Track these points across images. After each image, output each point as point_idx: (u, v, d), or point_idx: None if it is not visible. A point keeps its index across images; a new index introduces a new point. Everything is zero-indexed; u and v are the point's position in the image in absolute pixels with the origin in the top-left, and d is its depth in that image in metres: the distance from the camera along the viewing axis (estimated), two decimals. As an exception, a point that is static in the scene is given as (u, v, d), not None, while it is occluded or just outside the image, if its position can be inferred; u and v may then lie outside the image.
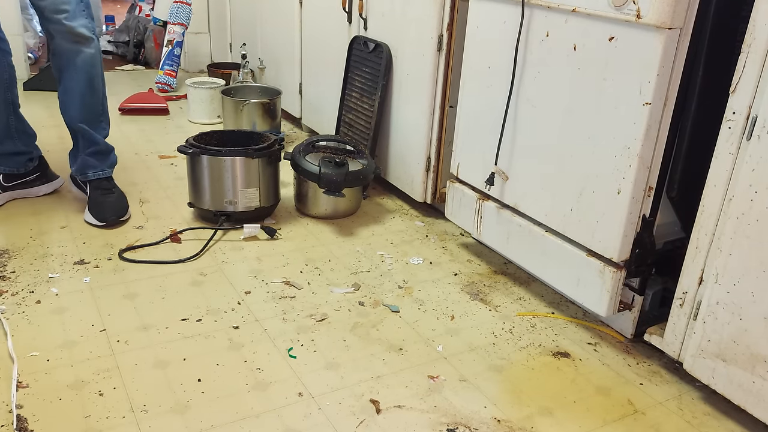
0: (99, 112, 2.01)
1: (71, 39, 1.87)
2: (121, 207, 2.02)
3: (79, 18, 1.87)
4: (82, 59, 1.91)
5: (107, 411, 1.27)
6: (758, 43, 1.17)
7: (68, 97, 1.96)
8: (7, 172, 2.07)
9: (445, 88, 2.01)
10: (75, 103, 1.96)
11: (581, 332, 1.63)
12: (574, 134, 1.51)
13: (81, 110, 1.97)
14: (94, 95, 1.97)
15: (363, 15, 2.33)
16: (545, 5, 1.52)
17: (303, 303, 1.67)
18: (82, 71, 1.92)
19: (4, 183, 2.07)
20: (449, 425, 1.29)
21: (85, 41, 1.89)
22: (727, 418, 1.35)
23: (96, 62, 1.94)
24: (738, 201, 1.23)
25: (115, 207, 2.00)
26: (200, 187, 2.02)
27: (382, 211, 2.26)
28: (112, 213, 1.99)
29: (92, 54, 1.92)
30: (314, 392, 1.36)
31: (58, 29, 1.85)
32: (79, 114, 1.97)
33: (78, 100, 1.95)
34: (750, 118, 1.20)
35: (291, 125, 3.15)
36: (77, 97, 1.95)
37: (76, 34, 1.86)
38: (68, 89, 1.95)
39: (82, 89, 1.94)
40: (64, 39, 1.87)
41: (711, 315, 1.31)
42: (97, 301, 1.62)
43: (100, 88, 1.99)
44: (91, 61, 1.92)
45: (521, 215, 1.71)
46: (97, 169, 2.04)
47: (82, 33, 1.87)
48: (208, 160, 1.98)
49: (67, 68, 1.92)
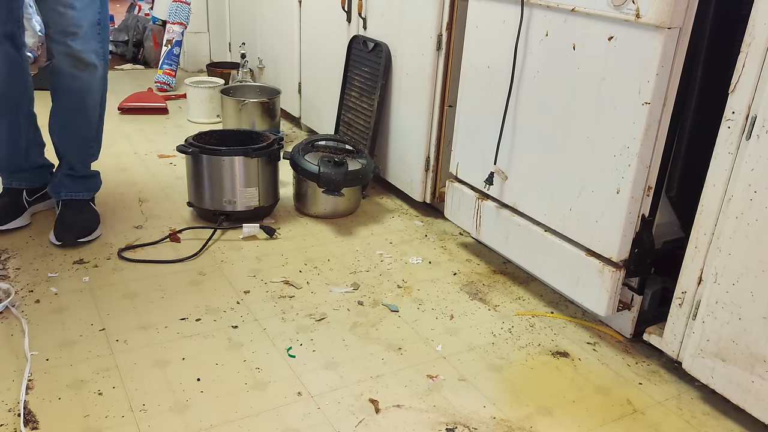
0: (88, 138, 1.91)
1: (71, 63, 1.74)
2: (85, 228, 1.86)
3: (90, 42, 1.74)
4: (80, 86, 1.79)
5: (106, 410, 1.27)
6: (757, 42, 1.17)
7: (56, 121, 1.87)
8: (29, 188, 1.98)
9: (445, 87, 2.01)
10: (62, 127, 1.87)
11: (580, 332, 1.63)
12: (573, 134, 1.51)
13: (67, 136, 1.88)
14: (85, 122, 1.86)
15: (362, 14, 2.33)
16: (544, 5, 1.52)
17: (302, 302, 1.67)
18: (77, 97, 1.81)
19: (28, 197, 1.98)
20: (448, 425, 1.29)
21: (86, 68, 1.76)
22: (726, 418, 1.35)
23: (94, 89, 1.82)
24: (737, 200, 1.23)
25: (79, 227, 1.85)
26: (199, 186, 2.02)
27: (382, 210, 2.26)
28: (73, 232, 1.83)
29: (91, 81, 1.80)
30: (313, 392, 1.36)
31: (61, 50, 1.73)
32: (64, 139, 1.89)
33: (66, 125, 1.86)
34: (749, 117, 1.20)
35: (290, 125, 3.15)
36: (65, 123, 1.86)
37: (79, 59, 1.74)
38: (58, 113, 1.85)
39: (72, 115, 1.84)
40: (64, 61, 1.74)
41: (710, 314, 1.31)
42: (97, 301, 1.62)
43: (94, 115, 1.87)
44: (88, 89, 1.80)
45: (520, 215, 1.71)
46: (70, 190, 1.92)
47: (87, 59, 1.75)
48: (208, 159, 1.98)
49: (60, 91, 1.81)
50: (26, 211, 1.96)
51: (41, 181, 2.01)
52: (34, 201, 2.00)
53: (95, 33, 1.74)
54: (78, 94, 1.80)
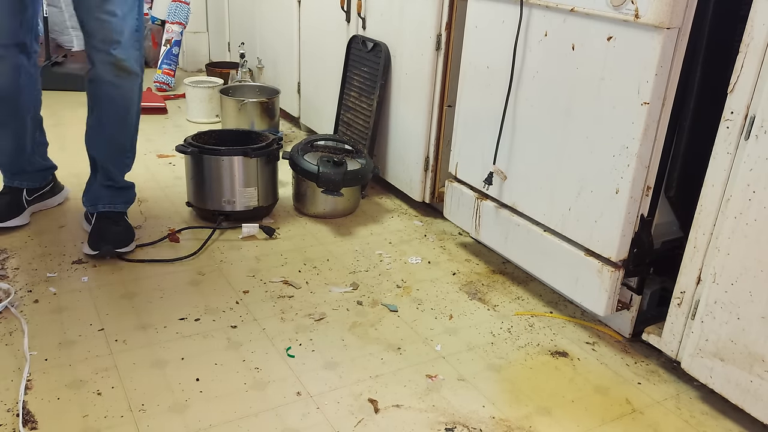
0: (126, 148, 1.87)
1: (114, 72, 1.72)
2: (123, 238, 1.82)
3: (130, 50, 1.72)
4: (121, 94, 1.77)
5: (105, 410, 1.27)
6: (756, 42, 1.17)
7: (96, 131, 1.83)
8: (30, 187, 1.98)
9: (444, 87, 2.01)
10: (102, 138, 1.83)
11: (579, 331, 1.63)
12: (572, 134, 1.51)
13: (107, 146, 1.84)
14: (125, 131, 1.84)
15: (361, 14, 2.33)
16: (544, 5, 1.52)
17: (301, 302, 1.67)
18: (118, 106, 1.78)
19: (27, 197, 1.98)
20: (447, 424, 1.29)
21: (129, 76, 1.74)
22: (724, 418, 1.35)
23: (135, 98, 1.80)
24: (736, 200, 1.23)
25: (116, 237, 1.81)
26: (199, 186, 2.02)
27: (381, 210, 2.26)
28: (110, 242, 1.79)
29: (132, 90, 1.78)
30: (312, 391, 1.36)
31: (103, 59, 1.70)
32: (103, 149, 1.85)
33: (106, 135, 1.82)
34: (748, 117, 1.20)
35: (289, 124, 3.15)
36: (106, 133, 1.82)
37: (122, 68, 1.72)
38: (99, 122, 1.81)
39: (114, 125, 1.81)
40: (106, 70, 1.71)
41: (709, 314, 1.31)
42: (96, 301, 1.62)
43: (132, 124, 1.85)
44: (130, 97, 1.78)
45: (520, 215, 1.71)
46: (108, 202, 1.88)
47: (129, 67, 1.73)
48: (207, 159, 1.98)
49: (102, 101, 1.78)
50: (26, 211, 1.96)
51: (42, 181, 2.01)
52: (34, 200, 2.00)
53: (134, 40, 1.72)
54: (119, 103, 1.77)
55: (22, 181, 1.96)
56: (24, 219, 1.95)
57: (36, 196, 2.01)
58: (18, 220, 1.93)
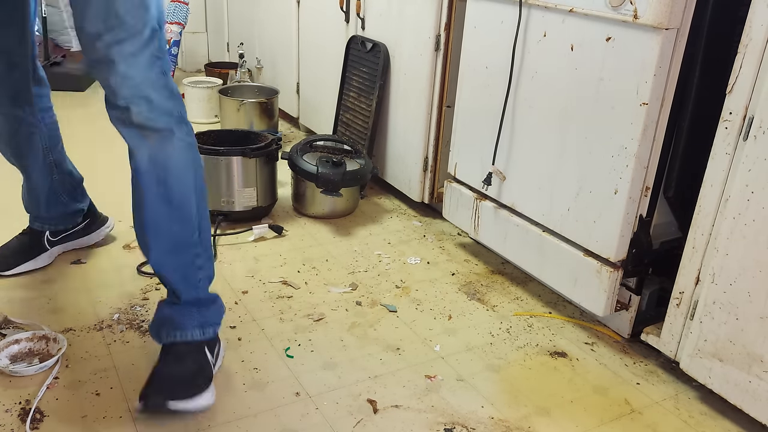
0: (187, 241, 1.28)
1: (137, 133, 1.22)
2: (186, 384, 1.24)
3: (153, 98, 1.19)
4: (158, 163, 1.23)
5: (104, 411, 1.27)
6: (755, 43, 1.17)
7: (138, 218, 1.28)
8: (52, 230, 1.75)
9: (443, 87, 2.01)
10: (146, 228, 1.26)
11: (578, 332, 1.63)
12: (571, 134, 1.51)
13: (156, 239, 1.26)
14: (178, 215, 1.26)
15: (360, 14, 2.33)
16: (543, 5, 1.52)
17: (300, 303, 1.67)
18: (155, 178, 1.23)
19: (51, 238, 1.75)
20: (446, 425, 1.29)
21: (159, 135, 1.22)
22: (723, 418, 1.35)
23: (176, 164, 1.23)
24: (734, 201, 1.24)
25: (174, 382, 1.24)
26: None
27: (380, 210, 2.26)
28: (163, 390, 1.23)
29: (171, 154, 1.23)
30: (311, 392, 1.36)
31: (117, 117, 1.21)
32: (152, 244, 1.27)
33: (151, 224, 1.26)
34: (746, 118, 1.20)
35: (288, 125, 3.15)
36: (150, 221, 1.26)
37: (145, 126, 1.21)
38: (137, 205, 1.27)
39: (155, 207, 1.25)
40: (126, 132, 1.23)
41: (707, 315, 1.31)
42: (94, 301, 1.62)
43: (188, 203, 1.26)
44: (170, 165, 1.23)
45: (518, 215, 1.71)
46: (172, 328, 1.30)
47: (157, 126, 1.21)
48: (206, 159, 1.97)
49: (136, 175, 1.26)
50: (46, 252, 1.74)
51: (66, 224, 1.77)
52: (61, 240, 1.77)
53: (159, 85, 1.19)
54: (158, 176, 1.23)
55: (42, 224, 1.74)
56: (42, 261, 1.73)
57: (63, 236, 1.78)
58: (32, 264, 1.71)
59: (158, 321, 1.32)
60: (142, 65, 1.16)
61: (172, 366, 1.27)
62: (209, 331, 1.33)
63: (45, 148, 1.64)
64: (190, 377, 1.26)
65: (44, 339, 1.42)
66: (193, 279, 1.31)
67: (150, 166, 1.23)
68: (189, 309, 1.30)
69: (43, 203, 1.70)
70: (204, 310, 1.33)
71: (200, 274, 1.31)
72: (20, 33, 1.48)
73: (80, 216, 1.80)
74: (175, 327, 1.30)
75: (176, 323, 1.30)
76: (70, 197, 1.75)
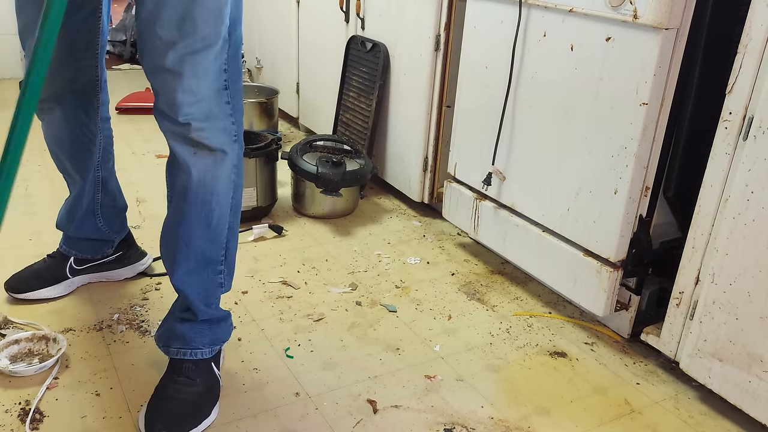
0: (215, 260, 1.27)
1: (190, 149, 1.17)
2: (188, 413, 1.23)
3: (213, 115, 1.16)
4: (203, 182, 1.19)
5: (104, 411, 1.27)
6: (754, 43, 1.17)
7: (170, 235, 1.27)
8: (78, 257, 1.62)
9: (443, 87, 2.01)
10: (177, 245, 1.25)
11: (578, 332, 1.63)
12: (571, 134, 1.51)
13: (186, 257, 1.24)
14: (211, 235, 1.24)
15: (360, 14, 2.33)
16: (543, 5, 1.52)
17: (300, 303, 1.67)
18: (199, 200, 1.21)
19: (75, 266, 1.61)
20: (446, 425, 1.29)
21: (211, 155, 1.18)
22: (723, 418, 1.35)
23: (220, 186, 1.21)
24: (734, 201, 1.23)
25: (177, 416, 1.22)
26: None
27: (380, 210, 2.26)
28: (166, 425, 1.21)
29: (218, 176, 1.20)
30: (311, 392, 1.36)
31: (171, 130, 1.17)
32: (180, 262, 1.25)
33: (183, 241, 1.24)
34: (746, 118, 1.20)
35: (288, 125, 3.15)
36: (183, 238, 1.24)
37: (199, 143, 1.16)
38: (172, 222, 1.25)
39: (191, 226, 1.22)
40: (179, 147, 1.18)
41: (707, 315, 1.31)
42: (94, 301, 1.62)
43: (223, 224, 1.25)
44: (214, 186, 1.20)
45: (518, 215, 1.71)
46: (182, 344, 1.28)
47: (212, 145, 1.17)
48: (205, 159, 1.97)
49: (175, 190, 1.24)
50: (66, 281, 1.61)
51: (94, 252, 1.64)
52: (85, 270, 1.64)
53: (220, 101, 1.16)
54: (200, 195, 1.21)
55: (69, 248, 1.61)
56: (59, 290, 1.60)
57: (90, 266, 1.64)
58: (46, 292, 1.58)
59: (168, 334, 1.29)
60: (210, 80, 1.12)
61: (181, 389, 1.25)
62: (216, 348, 1.32)
63: (98, 161, 1.54)
64: (200, 404, 1.25)
65: (44, 339, 1.42)
66: (212, 297, 1.29)
67: (198, 186, 1.19)
68: (202, 327, 1.28)
69: (77, 221, 1.57)
70: (216, 327, 1.31)
71: (219, 292, 1.30)
72: (90, 34, 1.38)
73: (110, 247, 1.65)
74: (186, 344, 1.27)
75: (188, 340, 1.27)
76: (107, 223, 1.61)
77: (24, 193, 2.13)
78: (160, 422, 1.20)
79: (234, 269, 1.34)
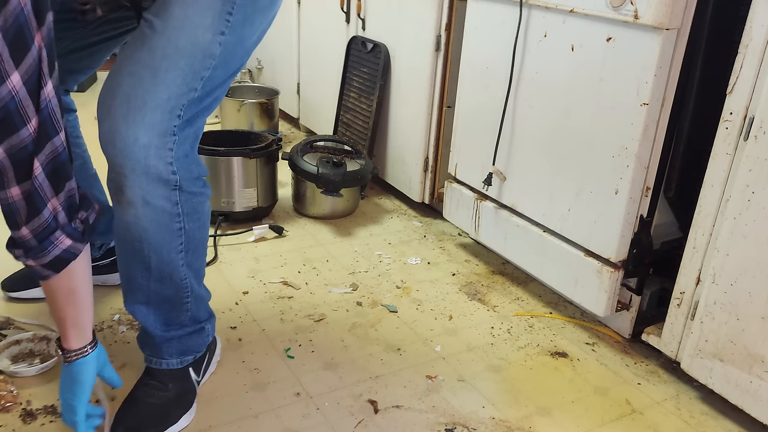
0: (171, 298, 1.18)
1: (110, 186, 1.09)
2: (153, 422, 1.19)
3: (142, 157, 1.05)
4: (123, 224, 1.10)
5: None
6: (755, 44, 1.17)
7: None
8: None
9: (443, 88, 2.01)
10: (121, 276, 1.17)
11: (579, 332, 1.63)
12: (571, 134, 1.51)
13: (131, 292, 1.17)
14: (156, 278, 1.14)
15: (361, 15, 2.33)
16: (543, 5, 1.52)
17: (301, 303, 1.67)
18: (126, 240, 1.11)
19: None
20: (447, 425, 1.29)
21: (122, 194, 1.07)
22: (724, 418, 1.35)
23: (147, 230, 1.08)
24: (735, 201, 1.24)
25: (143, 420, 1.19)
26: (198, 187, 2.02)
27: (380, 211, 2.26)
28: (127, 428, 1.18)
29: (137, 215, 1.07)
30: (312, 392, 1.36)
31: None
32: (126, 294, 1.19)
33: (123, 277, 1.17)
34: (747, 118, 1.20)
35: (289, 125, 3.15)
36: (123, 274, 1.16)
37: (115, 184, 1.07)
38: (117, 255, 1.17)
39: (130, 267, 1.14)
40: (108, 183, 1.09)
41: (708, 315, 1.31)
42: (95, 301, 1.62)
43: (168, 272, 1.14)
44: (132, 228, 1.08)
45: (519, 215, 1.72)
46: (153, 353, 1.24)
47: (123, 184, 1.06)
48: (206, 160, 1.97)
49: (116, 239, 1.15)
50: None
51: None
52: None
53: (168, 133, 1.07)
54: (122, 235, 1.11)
55: None
56: None
57: None
58: (38, 291, 1.51)
59: (141, 338, 1.25)
60: None
61: (151, 393, 1.22)
62: (189, 359, 1.26)
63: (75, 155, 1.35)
64: (167, 409, 1.21)
65: (45, 339, 1.42)
66: (174, 321, 1.21)
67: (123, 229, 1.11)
68: (168, 342, 1.22)
69: None
70: (186, 339, 1.24)
71: (185, 316, 1.21)
72: None
73: (97, 251, 1.61)
74: (153, 353, 1.23)
75: (155, 350, 1.23)
76: None
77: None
78: (124, 426, 1.17)
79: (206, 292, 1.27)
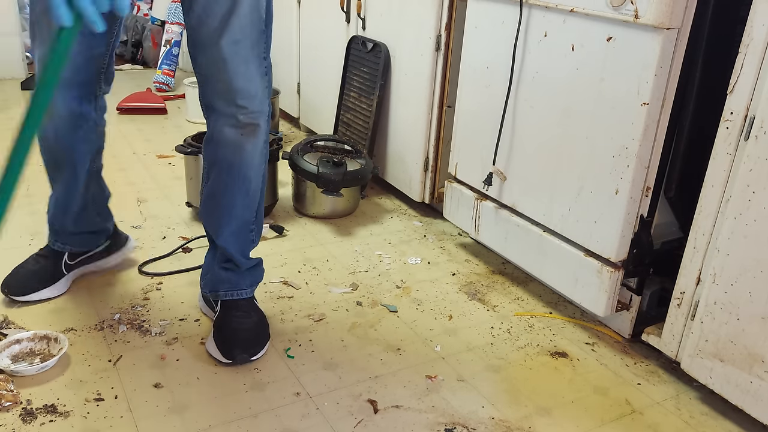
0: (249, 221, 1.48)
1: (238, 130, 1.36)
2: (257, 337, 1.47)
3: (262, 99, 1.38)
4: (244, 159, 1.39)
5: (105, 411, 1.27)
6: (756, 43, 1.17)
7: (211, 205, 1.47)
8: (73, 251, 1.64)
9: (444, 88, 2.01)
10: (219, 213, 1.45)
11: (579, 332, 1.63)
12: (572, 134, 1.51)
13: (228, 222, 1.45)
14: (248, 203, 1.46)
15: (361, 15, 2.33)
16: (543, 5, 1.52)
17: (301, 303, 1.67)
18: (240, 175, 1.41)
19: (69, 261, 1.63)
20: (447, 425, 1.29)
21: (254, 134, 1.38)
22: (724, 418, 1.35)
23: (259, 160, 1.42)
24: (735, 201, 1.23)
25: (248, 340, 1.45)
26: (198, 186, 2.02)
27: (380, 210, 2.26)
28: (244, 346, 1.43)
29: (256, 151, 1.40)
30: (312, 392, 1.36)
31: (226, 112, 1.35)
32: (222, 227, 1.46)
33: (224, 210, 1.45)
34: (748, 118, 1.20)
35: (289, 125, 3.15)
36: (224, 207, 1.44)
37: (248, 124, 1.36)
38: (214, 194, 1.45)
39: (233, 197, 1.43)
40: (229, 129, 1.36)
41: (708, 315, 1.31)
42: (95, 302, 1.62)
43: (257, 192, 1.47)
44: (251, 161, 1.40)
45: (519, 215, 1.71)
46: (231, 286, 1.51)
47: (256, 123, 1.37)
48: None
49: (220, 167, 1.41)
50: (64, 278, 1.63)
51: (89, 246, 1.67)
52: (79, 264, 1.66)
53: (265, 87, 1.41)
54: (241, 170, 1.41)
55: (64, 244, 1.61)
56: (60, 288, 1.62)
57: (82, 259, 1.67)
58: (49, 291, 1.60)
59: (215, 280, 1.51)
60: (256, 66, 1.39)
61: (243, 321, 1.47)
62: (255, 288, 1.57)
63: (94, 151, 1.55)
64: (258, 327, 1.49)
65: (45, 339, 1.42)
66: (248, 250, 1.52)
67: (242, 163, 1.39)
68: (244, 273, 1.51)
69: (73, 217, 1.58)
70: (253, 271, 1.54)
71: (252, 246, 1.53)
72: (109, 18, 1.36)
73: (103, 237, 1.70)
74: (233, 287, 1.50)
75: (234, 284, 1.51)
76: (99, 214, 1.65)
77: (25, 194, 2.13)
78: (239, 347, 1.42)
79: (262, 226, 1.55)
